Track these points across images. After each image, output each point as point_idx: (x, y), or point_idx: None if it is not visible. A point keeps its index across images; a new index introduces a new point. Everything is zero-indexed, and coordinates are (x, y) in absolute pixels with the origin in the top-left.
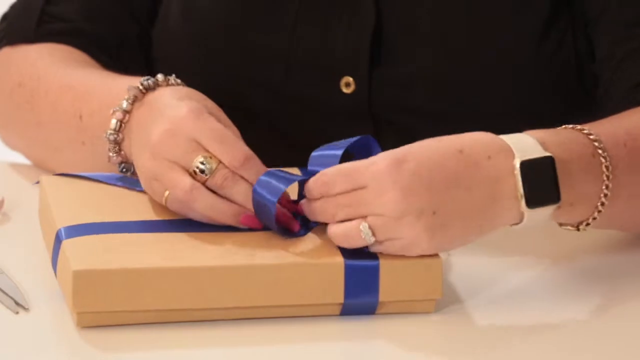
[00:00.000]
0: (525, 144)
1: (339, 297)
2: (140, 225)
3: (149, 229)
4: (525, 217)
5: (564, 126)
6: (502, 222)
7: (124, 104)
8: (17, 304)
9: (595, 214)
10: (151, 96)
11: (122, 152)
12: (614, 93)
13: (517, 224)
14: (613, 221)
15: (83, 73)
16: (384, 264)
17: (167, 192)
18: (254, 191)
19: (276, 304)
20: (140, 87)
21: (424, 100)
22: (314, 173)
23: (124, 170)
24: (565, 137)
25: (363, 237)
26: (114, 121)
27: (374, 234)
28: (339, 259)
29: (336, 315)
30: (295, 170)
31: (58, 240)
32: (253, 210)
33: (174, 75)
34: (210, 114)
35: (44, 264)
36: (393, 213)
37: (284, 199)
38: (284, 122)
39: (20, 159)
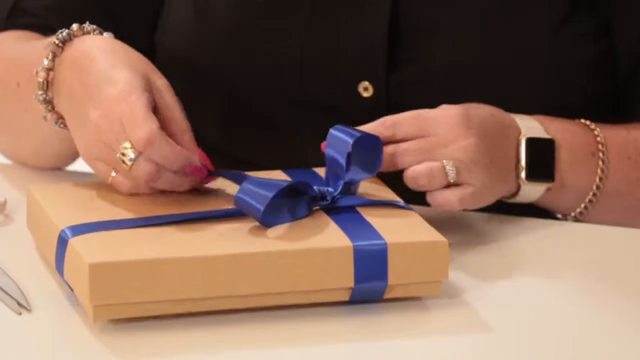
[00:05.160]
0: (530, 125)
1: (349, 282)
2: (140, 221)
3: (149, 224)
4: (521, 190)
5: (577, 120)
6: (506, 189)
7: (45, 62)
8: (19, 304)
9: (582, 209)
10: (71, 50)
11: (56, 110)
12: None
13: (511, 197)
14: (601, 221)
15: (27, 44)
16: (391, 246)
17: (113, 174)
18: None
19: (289, 290)
20: (57, 42)
21: (441, 99)
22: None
23: (62, 126)
24: (570, 129)
25: (450, 176)
26: (40, 80)
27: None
28: (348, 243)
29: (346, 301)
30: (279, 173)
31: (63, 241)
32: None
33: (87, 22)
34: (143, 80)
35: (47, 265)
36: (471, 157)
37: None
38: (300, 126)
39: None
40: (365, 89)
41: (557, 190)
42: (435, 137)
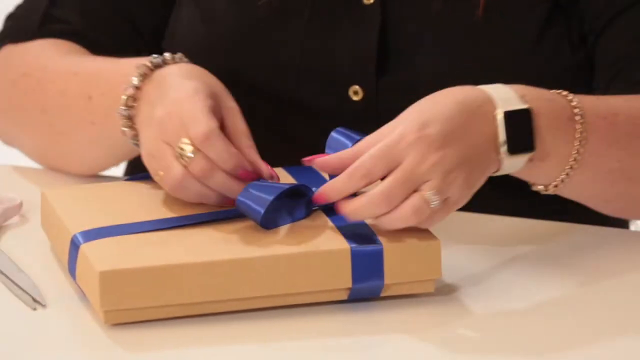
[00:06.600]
0: (506, 96)
1: (347, 283)
2: (150, 225)
3: (159, 227)
4: (503, 164)
5: (552, 90)
6: (489, 168)
7: (135, 80)
8: (34, 300)
9: (564, 176)
10: (159, 73)
11: (135, 127)
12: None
13: (495, 172)
14: (581, 191)
15: (89, 60)
16: (387, 248)
17: (161, 172)
18: (239, 201)
19: (289, 292)
20: (149, 65)
21: None
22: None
23: (136, 144)
24: (546, 97)
25: (433, 205)
26: (124, 97)
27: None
28: (346, 245)
29: (343, 300)
30: (281, 171)
31: (75, 246)
32: (235, 200)
33: (180, 53)
34: (211, 92)
35: (60, 263)
36: (442, 173)
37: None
38: (293, 127)
39: (36, 163)
40: (356, 93)
41: (539, 160)
42: (407, 164)
